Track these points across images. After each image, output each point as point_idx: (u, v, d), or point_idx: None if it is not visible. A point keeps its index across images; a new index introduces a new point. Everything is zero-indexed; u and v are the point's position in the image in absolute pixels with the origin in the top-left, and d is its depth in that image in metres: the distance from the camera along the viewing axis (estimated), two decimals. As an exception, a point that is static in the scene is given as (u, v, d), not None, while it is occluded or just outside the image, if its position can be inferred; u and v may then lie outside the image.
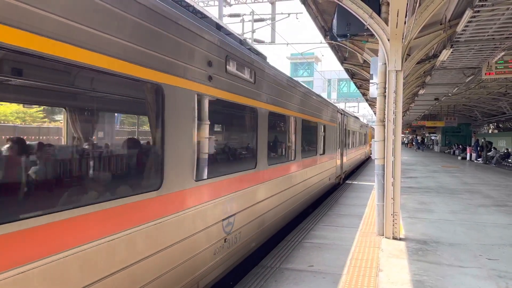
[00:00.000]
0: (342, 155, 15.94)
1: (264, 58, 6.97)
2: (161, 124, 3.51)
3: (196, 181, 4.12)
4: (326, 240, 7.18)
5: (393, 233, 6.86)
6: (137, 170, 3.58)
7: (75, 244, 2.60)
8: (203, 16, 4.95)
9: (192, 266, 4.08)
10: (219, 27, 5.26)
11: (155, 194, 3.42)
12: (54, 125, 3.32)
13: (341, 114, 15.88)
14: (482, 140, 31.47)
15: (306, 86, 10.07)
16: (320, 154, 11.14)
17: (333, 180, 13.75)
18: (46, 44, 2.38)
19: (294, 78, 9.50)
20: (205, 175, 4.39)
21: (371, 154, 35.90)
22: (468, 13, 8.25)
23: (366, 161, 30.30)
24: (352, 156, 20.36)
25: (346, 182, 16.54)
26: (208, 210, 4.38)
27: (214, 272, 4.60)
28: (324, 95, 52.00)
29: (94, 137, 3.39)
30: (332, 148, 13.14)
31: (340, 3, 6.76)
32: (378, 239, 7.05)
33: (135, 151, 3.61)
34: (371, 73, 8.24)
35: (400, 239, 6.84)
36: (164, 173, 3.53)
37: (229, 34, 5.62)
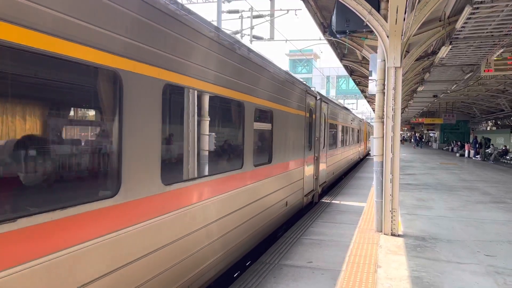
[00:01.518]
0: (318, 160, 11.07)
1: None
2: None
3: None
4: (324, 236, 7.20)
5: (391, 230, 6.88)
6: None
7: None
8: None
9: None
10: None
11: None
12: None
13: (316, 98, 10.95)
14: (481, 137, 31.55)
15: (216, 26, 4.95)
16: (261, 165, 6.45)
17: (297, 201, 8.99)
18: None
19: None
20: None
21: (369, 152, 35.82)
22: (467, 10, 8.24)
23: (360, 162, 28.08)
24: (338, 159, 15.69)
25: (322, 200, 11.57)
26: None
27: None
28: (323, 91, 51.65)
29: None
30: (294, 151, 8.60)
31: None
32: (377, 235, 7.07)
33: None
34: (370, 69, 8.23)
35: (399, 236, 6.86)
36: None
37: None
